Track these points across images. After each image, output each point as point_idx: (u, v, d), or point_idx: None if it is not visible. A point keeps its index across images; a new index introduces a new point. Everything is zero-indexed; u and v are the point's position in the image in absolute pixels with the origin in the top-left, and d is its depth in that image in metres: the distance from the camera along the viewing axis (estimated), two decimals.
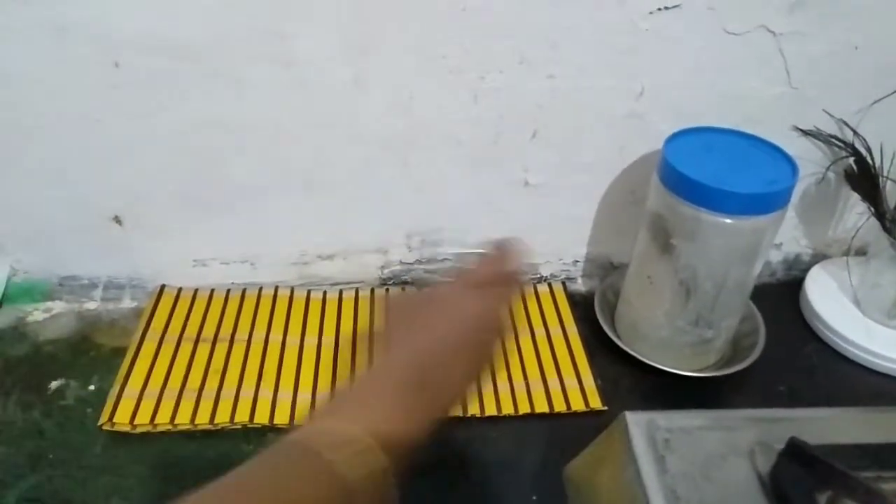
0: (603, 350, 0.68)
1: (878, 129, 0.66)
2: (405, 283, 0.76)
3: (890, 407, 0.51)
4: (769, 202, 0.56)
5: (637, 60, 0.62)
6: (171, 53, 0.57)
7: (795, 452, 0.43)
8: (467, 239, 0.74)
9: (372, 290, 0.74)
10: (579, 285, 0.78)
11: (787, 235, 0.76)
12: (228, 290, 0.73)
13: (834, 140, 0.68)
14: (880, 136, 0.66)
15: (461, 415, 0.61)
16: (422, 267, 0.75)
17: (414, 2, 0.57)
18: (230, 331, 0.68)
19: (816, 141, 0.68)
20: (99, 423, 0.59)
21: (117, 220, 0.68)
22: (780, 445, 0.44)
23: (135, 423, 0.59)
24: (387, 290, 0.75)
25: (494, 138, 0.66)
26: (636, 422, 0.46)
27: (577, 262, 0.77)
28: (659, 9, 0.59)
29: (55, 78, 0.58)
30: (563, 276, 0.77)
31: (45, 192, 0.65)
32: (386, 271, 0.75)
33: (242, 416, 0.60)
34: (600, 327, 0.69)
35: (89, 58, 0.57)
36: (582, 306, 0.74)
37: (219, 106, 0.61)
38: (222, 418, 0.60)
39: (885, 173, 0.67)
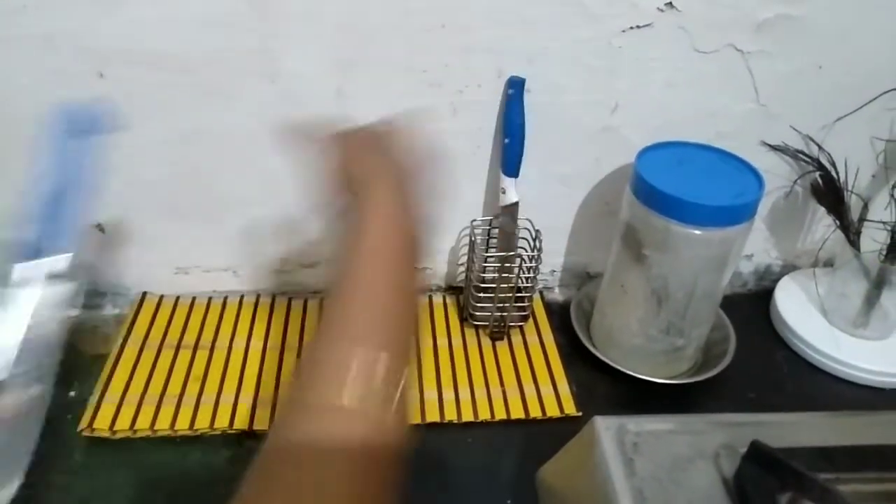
0: (579, 357, 0.70)
1: (843, 145, 0.69)
2: None
3: (849, 411, 0.53)
4: (736, 214, 0.58)
5: (611, 77, 0.64)
6: (156, 66, 0.59)
7: (758, 455, 0.45)
8: (446, 247, 0.75)
9: None
10: (556, 294, 0.80)
11: (757, 247, 0.79)
12: (210, 298, 0.74)
13: (800, 155, 0.70)
14: (844, 152, 0.69)
15: (438, 420, 0.62)
16: None
17: (396, 19, 0.59)
18: (211, 338, 0.69)
19: (784, 155, 0.71)
20: (79, 429, 0.59)
21: (100, 227, 0.68)
22: (745, 449, 0.46)
23: (115, 429, 0.59)
24: None
25: (473, 150, 0.67)
26: (606, 426, 0.48)
27: (555, 271, 0.79)
28: (631, 27, 0.61)
29: (40, 87, 0.59)
30: (540, 286, 0.79)
31: (28, 200, 0.66)
32: None
33: (222, 422, 0.61)
34: (576, 335, 0.71)
35: (74, 68, 0.58)
36: (559, 315, 0.76)
37: (204, 117, 0.62)
38: (202, 424, 0.60)
39: (849, 187, 0.69)
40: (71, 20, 0.56)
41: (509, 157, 0.66)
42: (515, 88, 0.63)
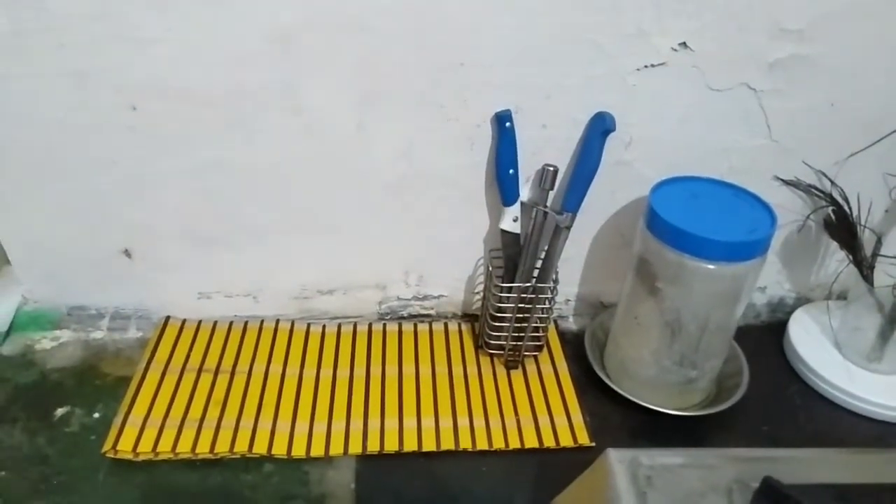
0: (592, 387, 0.71)
1: (855, 181, 0.70)
2: (402, 317, 0.79)
3: (861, 448, 0.53)
4: (749, 250, 0.58)
5: (625, 113, 0.65)
6: (185, 100, 0.61)
7: (770, 491, 0.45)
8: (463, 276, 0.76)
9: (370, 325, 0.77)
10: (570, 324, 0.80)
11: (771, 279, 0.79)
12: (231, 323, 0.75)
13: (813, 190, 0.71)
14: (857, 187, 0.70)
15: (453, 447, 0.63)
16: (418, 303, 0.78)
17: (416, 57, 0.61)
18: (232, 362, 0.71)
19: (797, 190, 0.71)
20: (102, 451, 0.61)
21: (127, 253, 0.71)
22: (757, 484, 0.46)
23: (137, 451, 0.61)
24: (384, 324, 0.77)
25: (490, 182, 0.69)
26: (619, 458, 0.48)
27: (569, 300, 0.80)
28: (646, 66, 0.63)
29: (74, 120, 0.61)
30: (555, 315, 0.80)
31: (60, 226, 0.68)
32: (384, 306, 0.78)
33: (242, 446, 0.62)
34: (590, 365, 0.72)
35: (108, 102, 0.60)
36: (573, 344, 0.76)
37: (229, 149, 0.64)
38: (222, 448, 0.62)
39: (862, 222, 0.70)
40: (106, 58, 0.58)
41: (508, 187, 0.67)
42: (502, 122, 0.64)
